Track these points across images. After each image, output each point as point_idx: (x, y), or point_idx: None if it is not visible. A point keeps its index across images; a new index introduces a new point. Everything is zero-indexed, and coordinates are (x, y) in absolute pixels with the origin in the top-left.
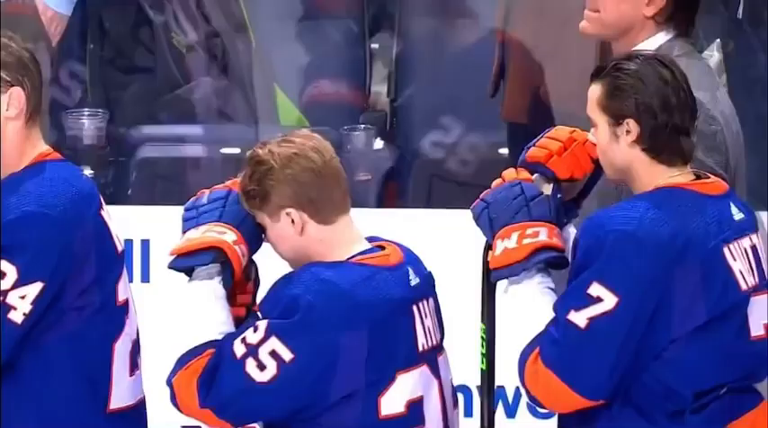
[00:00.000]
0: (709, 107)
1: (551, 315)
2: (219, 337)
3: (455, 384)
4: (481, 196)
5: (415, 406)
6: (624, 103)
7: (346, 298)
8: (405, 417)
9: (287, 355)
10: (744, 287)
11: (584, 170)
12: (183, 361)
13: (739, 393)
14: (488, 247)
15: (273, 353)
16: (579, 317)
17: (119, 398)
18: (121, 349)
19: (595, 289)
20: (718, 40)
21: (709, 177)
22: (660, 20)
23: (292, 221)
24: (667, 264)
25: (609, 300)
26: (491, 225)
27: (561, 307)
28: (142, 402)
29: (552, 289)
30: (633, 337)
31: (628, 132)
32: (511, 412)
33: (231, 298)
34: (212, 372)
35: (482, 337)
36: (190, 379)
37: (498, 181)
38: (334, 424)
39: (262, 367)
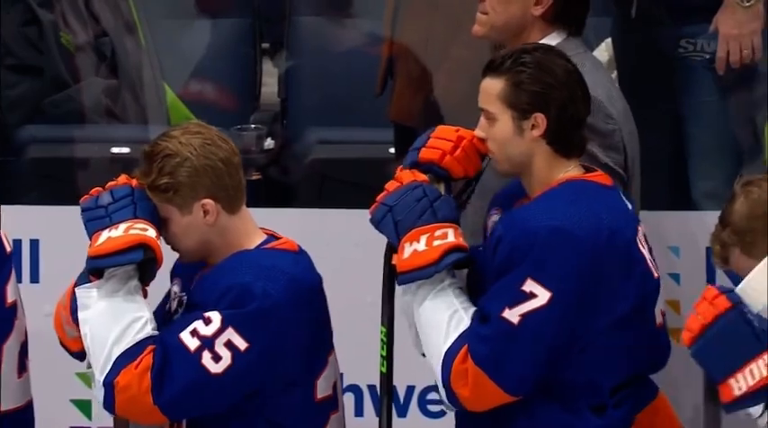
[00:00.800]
0: (607, 105)
1: (468, 316)
2: (155, 333)
3: (346, 384)
4: (379, 200)
5: (335, 389)
6: (532, 97)
7: (294, 283)
8: (332, 399)
9: (242, 345)
10: (655, 274)
11: (475, 167)
12: (124, 360)
13: (643, 384)
14: (391, 250)
15: (229, 344)
16: (512, 314)
17: (7, 400)
18: (10, 351)
19: (529, 286)
20: (609, 38)
21: (595, 169)
22: (550, 19)
23: (206, 212)
24: (596, 257)
25: (542, 296)
26: (396, 228)
27: (494, 305)
28: (30, 404)
29: (462, 288)
30: (563, 332)
31: (534, 126)
32: (402, 411)
33: None
34: (162, 368)
35: (382, 340)
36: (141, 377)
37: (393, 183)
38: (277, 409)
39: (217, 358)
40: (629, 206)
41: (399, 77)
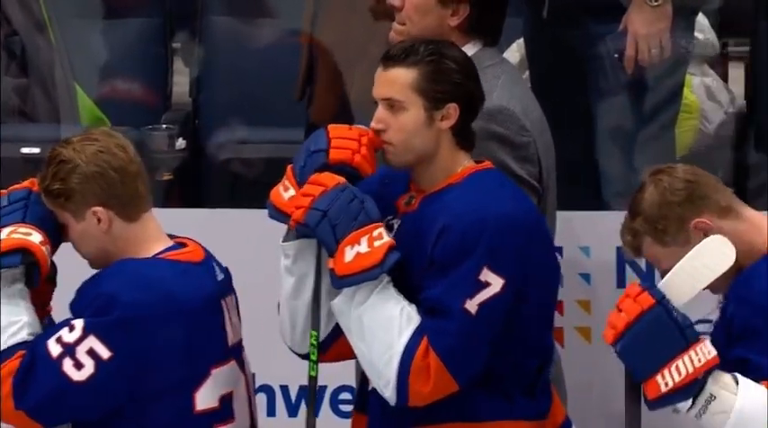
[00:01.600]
0: (521, 117)
1: (414, 311)
2: (30, 338)
3: (258, 384)
4: (308, 205)
5: (227, 401)
6: (447, 88)
7: (163, 294)
8: (218, 412)
9: (105, 353)
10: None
11: (374, 164)
12: None
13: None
14: (320, 255)
15: (91, 352)
16: (472, 305)
17: None
18: None
19: (485, 275)
20: (521, 39)
21: (483, 160)
22: (466, 30)
23: (99, 220)
24: (534, 238)
25: (496, 283)
26: (334, 232)
27: (452, 298)
28: None
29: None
30: (506, 315)
31: (444, 117)
32: (314, 410)
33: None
34: (26, 373)
35: (312, 344)
36: (4, 381)
37: (316, 187)
38: (150, 421)
39: (79, 366)
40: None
41: (320, 79)
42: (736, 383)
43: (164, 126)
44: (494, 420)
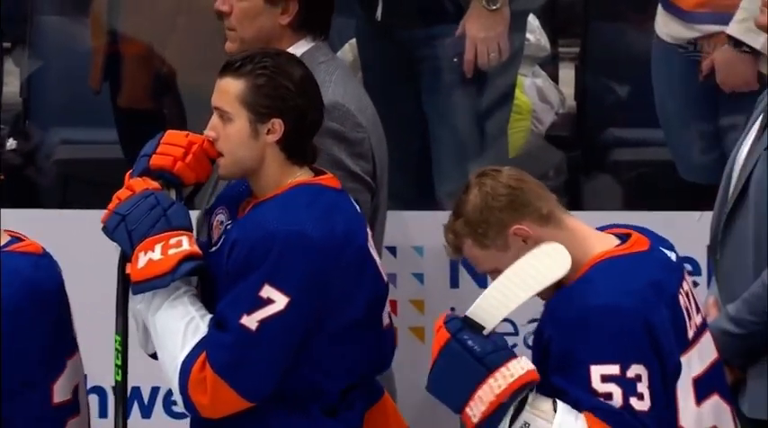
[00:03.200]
0: (356, 114)
1: (205, 323)
2: None
3: (90, 385)
4: (111, 209)
5: (76, 393)
6: (272, 101)
7: (31, 286)
8: (71, 404)
9: None
10: (384, 278)
11: (206, 172)
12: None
13: (370, 384)
14: (125, 260)
15: None
16: (251, 321)
17: None
18: None
19: (266, 291)
20: (353, 40)
21: (325, 172)
22: (297, 27)
23: None
24: (331, 260)
25: (280, 301)
26: (130, 237)
27: (231, 312)
28: None
29: (196, 295)
30: (299, 336)
31: (270, 131)
32: (146, 412)
33: None
34: None
35: (117, 349)
36: None
37: (125, 191)
38: (11, 414)
39: None
40: (357, 206)
41: (128, 62)
42: (555, 411)
43: None
44: None
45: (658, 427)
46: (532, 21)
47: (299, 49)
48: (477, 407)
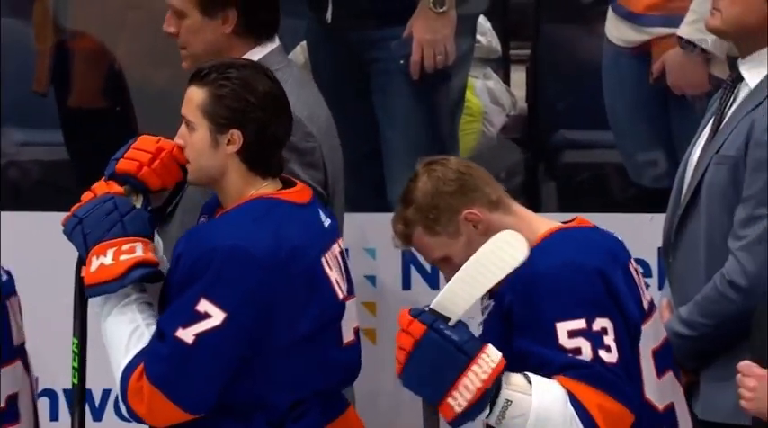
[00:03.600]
0: (306, 124)
1: (150, 332)
2: None
3: (41, 388)
4: (72, 211)
5: (13, 402)
6: (231, 113)
7: None
8: (4, 413)
9: None
10: (341, 295)
11: (174, 178)
12: None
13: (331, 398)
14: (81, 263)
15: None
16: (187, 334)
17: None
18: None
19: (203, 306)
20: (304, 42)
21: (295, 184)
22: (242, 33)
23: None
24: (273, 277)
25: (217, 316)
26: (85, 241)
27: (168, 324)
28: None
29: (149, 303)
30: (239, 351)
31: (230, 142)
32: (98, 415)
33: None
34: None
35: (74, 351)
36: None
37: (88, 194)
38: None
39: None
40: (326, 222)
41: (77, 60)
42: (530, 383)
43: None
44: None
45: (628, 379)
46: (483, 23)
47: (253, 56)
48: (463, 396)
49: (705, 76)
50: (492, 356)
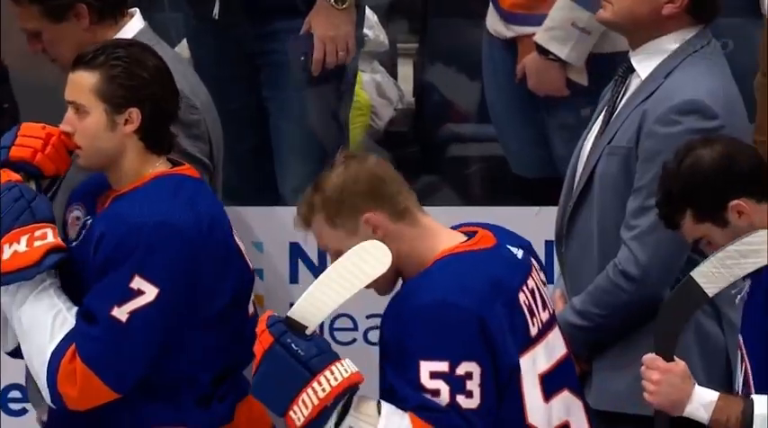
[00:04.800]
0: (189, 96)
1: (72, 315)
2: None
3: None
4: None
5: None
6: (127, 91)
7: None
8: None
9: None
10: (251, 265)
11: (66, 163)
12: None
13: (239, 377)
14: None
15: None
16: (122, 312)
17: None
18: None
19: (137, 283)
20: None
21: (182, 163)
22: (100, 20)
23: None
24: (199, 249)
25: (150, 292)
26: None
27: (99, 304)
28: None
29: (61, 287)
30: (170, 326)
31: (127, 121)
32: None
33: None
34: None
35: None
36: None
37: None
38: None
39: None
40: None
41: None
42: (379, 413)
43: None
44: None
45: (491, 425)
46: (371, 16)
47: (126, 33)
48: (302, 411)
49: (562, 81)
50: (336, 374)
